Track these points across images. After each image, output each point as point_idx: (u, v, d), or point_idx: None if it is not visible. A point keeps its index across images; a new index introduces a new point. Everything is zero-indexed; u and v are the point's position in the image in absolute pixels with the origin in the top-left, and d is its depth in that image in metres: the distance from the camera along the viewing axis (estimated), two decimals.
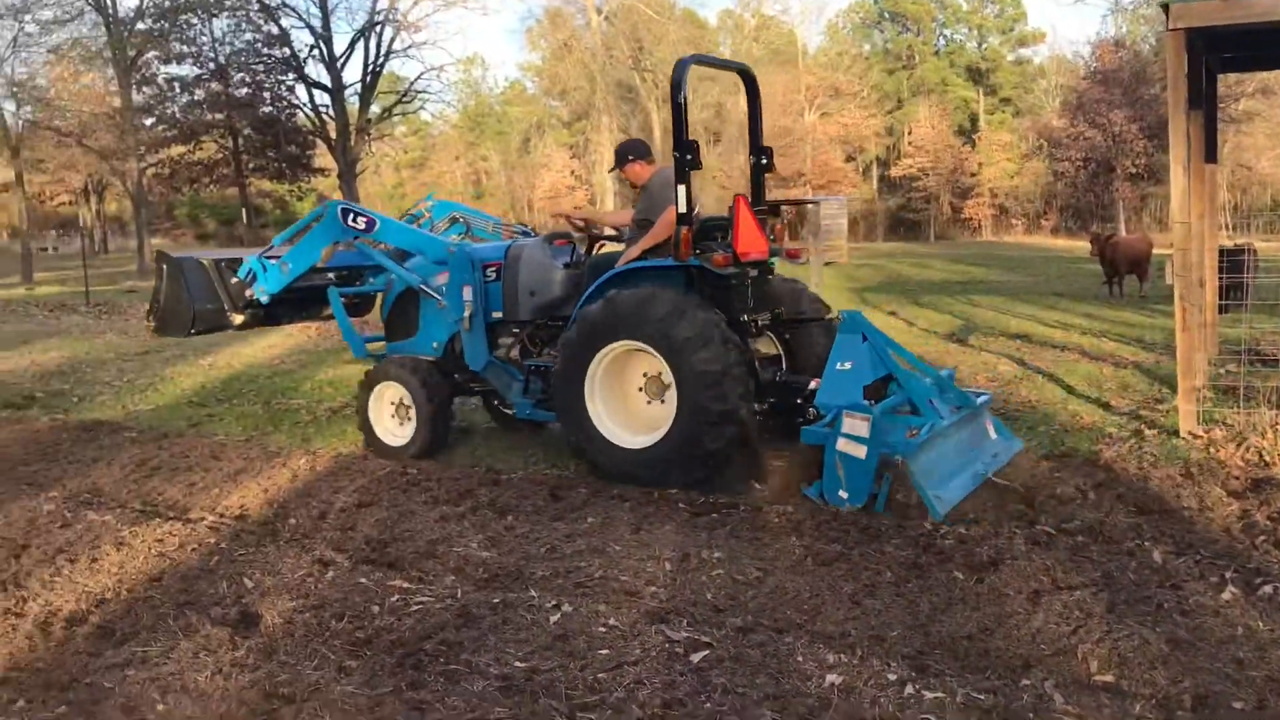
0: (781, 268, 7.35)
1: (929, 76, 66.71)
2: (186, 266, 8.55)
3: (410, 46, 38.91)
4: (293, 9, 39.43)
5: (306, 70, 39.10)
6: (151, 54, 37.69)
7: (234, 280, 8.36)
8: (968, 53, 68.68)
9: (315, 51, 39.11)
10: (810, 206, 24.64)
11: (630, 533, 5.46)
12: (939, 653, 3.91)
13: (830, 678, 3.69)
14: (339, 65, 38.75)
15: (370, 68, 39.17)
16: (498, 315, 7.57)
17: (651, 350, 6.41)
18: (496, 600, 4.51)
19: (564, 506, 5.98)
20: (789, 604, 4.44)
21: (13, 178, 39.92)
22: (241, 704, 3.67)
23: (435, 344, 7.84)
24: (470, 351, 7.59)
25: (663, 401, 6.60)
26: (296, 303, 8.61)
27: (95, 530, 5.70)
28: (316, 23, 38.28)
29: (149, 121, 39.16)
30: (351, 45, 39.15)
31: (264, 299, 8.14)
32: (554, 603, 4.47)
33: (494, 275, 7.59)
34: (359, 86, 39.48)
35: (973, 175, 58.88)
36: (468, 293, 7.56)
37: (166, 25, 37.09)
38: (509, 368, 7.58)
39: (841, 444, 5.80)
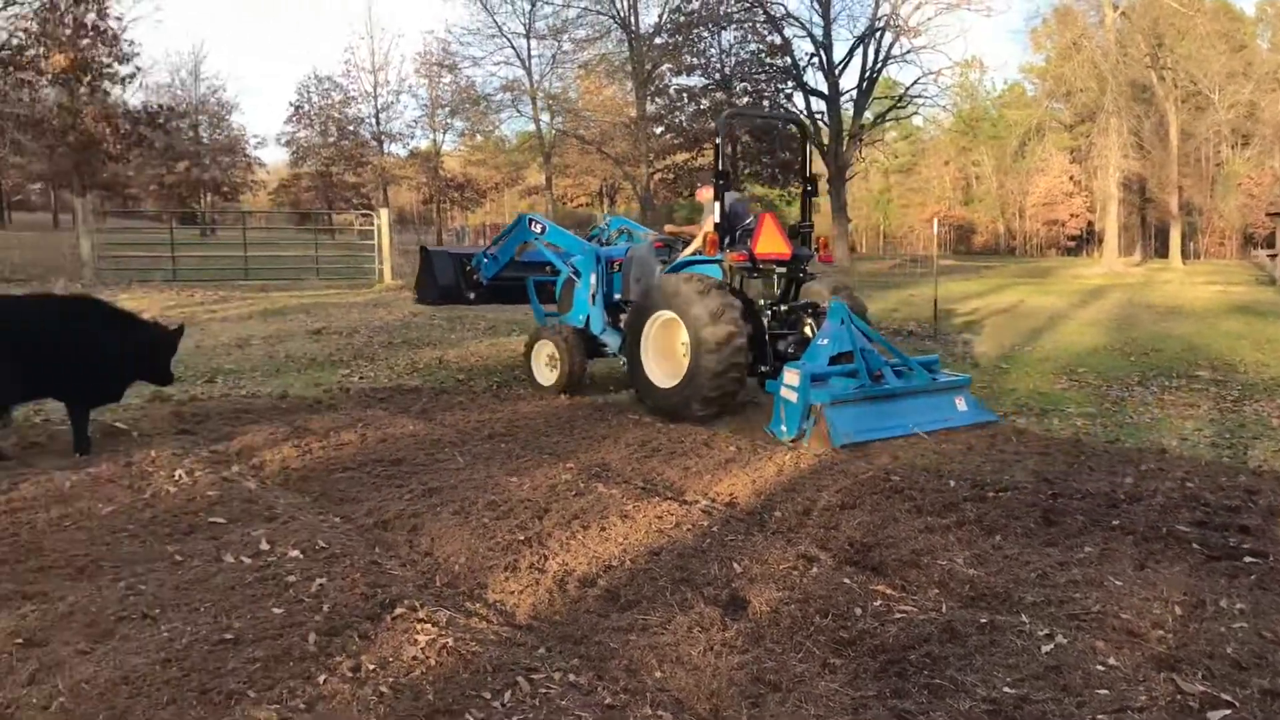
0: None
1: None
2: (435, 255, 12.40)
3: (909, 51, 38.65)
4: (796, 19, 40.71)
5: (805, 78, 40.22)
6: (665, 67, 40.69)
7: (468, 268, 12.01)
8: None
9: (815, 59, 40.12)
10: None
11: (1133, 569, 5.02)
12: None
13: None
14: (836, 72, 39.46)
15: (867, 74, 39.52)
16: (619, 297, 10.60)
17: (678, 319, 9.03)
18: (984, 620, 4.33)
19: (1058, 532, 5.63)
20: None
21: (543, 181, 44.94)
22: (731, 684, 3.83)
23: (581, 317, 10.83)
24: (594, 320, 10.69)
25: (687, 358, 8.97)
26: (508, 289, 12.03)
27: (604, 502, 6.21)
28: (818, 31, 39.29)
29: (659, 130, 42.36)
30: (850, 52, 39.77)
31: (484, 281, 11.86)
32: (1046, 631, 4.21)
33: (617, 268, 10.65)
34: (854, 93, 39.97)
35: None
36: (593, 280, 10.67)
37: (680, 39, 39.84)
38: (618, 330, 10.43)
39: (783, 391, 8.33)
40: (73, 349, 7.31)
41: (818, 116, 40.58)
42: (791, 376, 8.25)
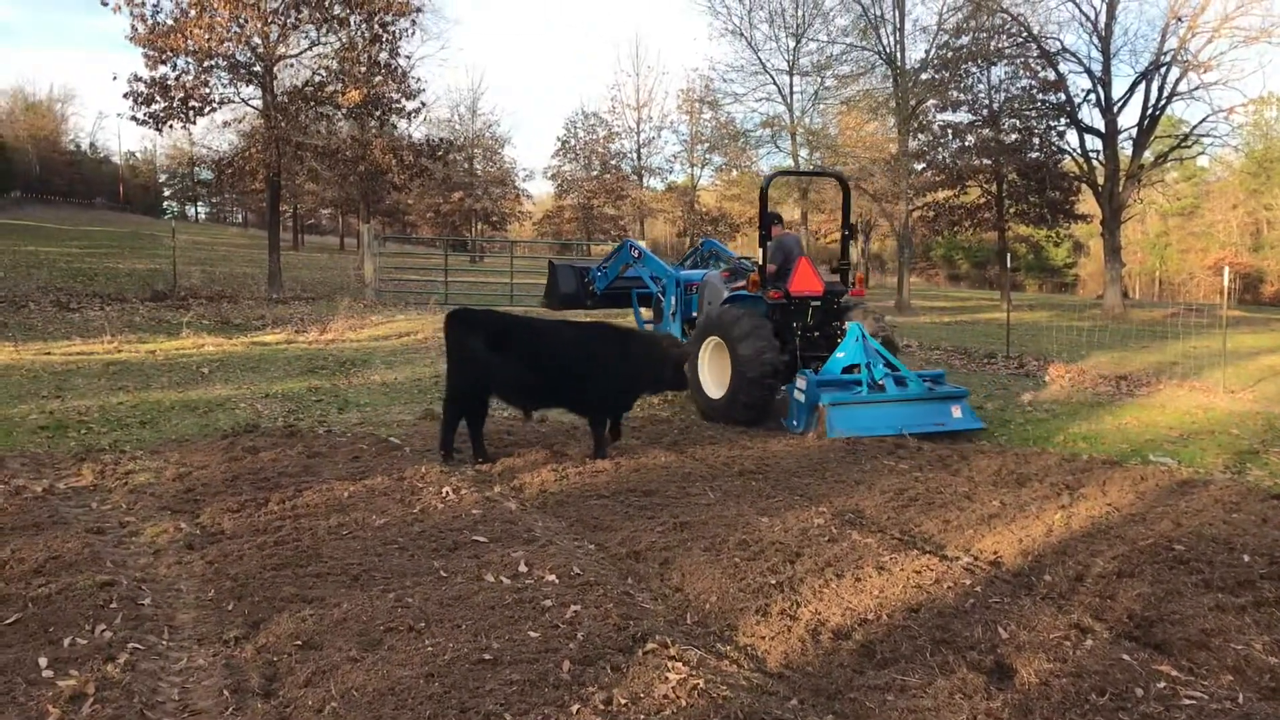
0: None
1: None
2: (560, 268, 14.62)
3: (1197, 88, 35.93)
4: (1073, 54, 38.74)
5: (1080, 115, 38.31)
6: (930, 102, 39.74)
7: (586, 279, 14.31)
8: None
9: (1091, 96, 38.15)
10: None
11: None
12: None
13: None
14: (1115, 109, 37.36)
15: (1149, 111, 37.15)
16: (695, 314, 12.61)
17: (723, 342, 11.06)
18: None
19: None
20: None
21: (798, 216, 44.81)
22: None
23: (666, 329, 12.67)
24: (673, 334, 12.11)
25: None
26: (617, 297, 14.35)
27: (859, 550, 6.03)
28: (1096, 67, 37.29)
29: (919, 166, 41.34)
30: (1131, 89, 37.43)
31: (598, 291, 14.19)
32: None
33: (694, 291, 12.82)
34: (1133, 131, 37.70)
35: None
36: (673, 300, 12.97)
37: (948, 75, 38.82)
38: None
39: (796, 394, 10.43)
40: (586, 367, 8.75)
41: (1092, 155, 38.55)
42: (801, 381, 10.44)
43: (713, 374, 11.43)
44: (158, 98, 25.11)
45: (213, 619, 4.88)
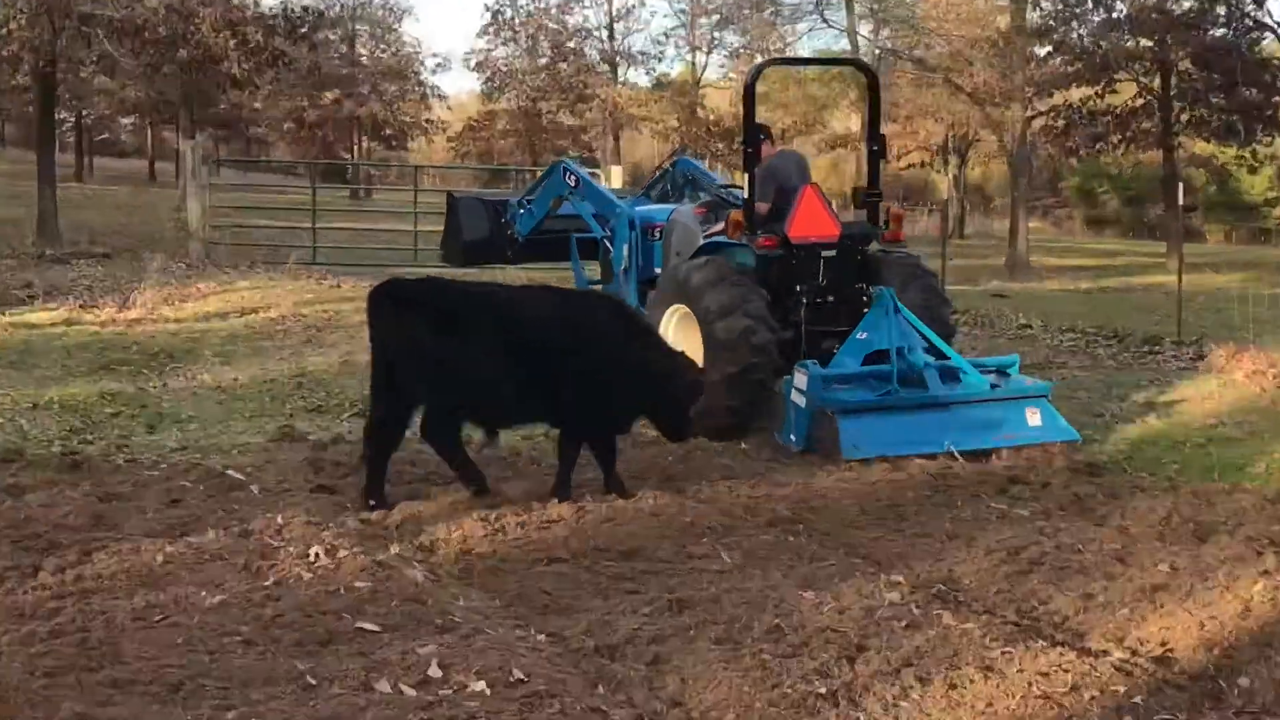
0: None
1: None
2: (464, 203, 15.08)
3: None
4: None
5: None
6: None
7: (503, 219, 14.46)
8: None
9: None
10: None
11: None
12: None
13: None
14: None
15: None
16: (659, 271, 12.65)
17: (690, 312, 11.26)
18: None
19: None
20: None
21: (855, 127, 44.80)
22: None
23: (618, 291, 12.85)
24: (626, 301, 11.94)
25: None
26: (551, 246, 14.73)
27: (952, 641, 6.00)
28: None
29: (1043, 51, 41.41)
30: None
31: (519, 237, 14.37)
32: None
33: (657, 236, 12.87)
34: None
35: None
36: (624, 250, 12.95)
37: None
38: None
39: (793, 395, 10.47)
40: (579, 357, 8.97)
41: None
42: (800, 378, 10.42)
43: None
44: None
45: None
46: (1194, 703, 5.44)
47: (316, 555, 7.09)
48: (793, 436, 10.47)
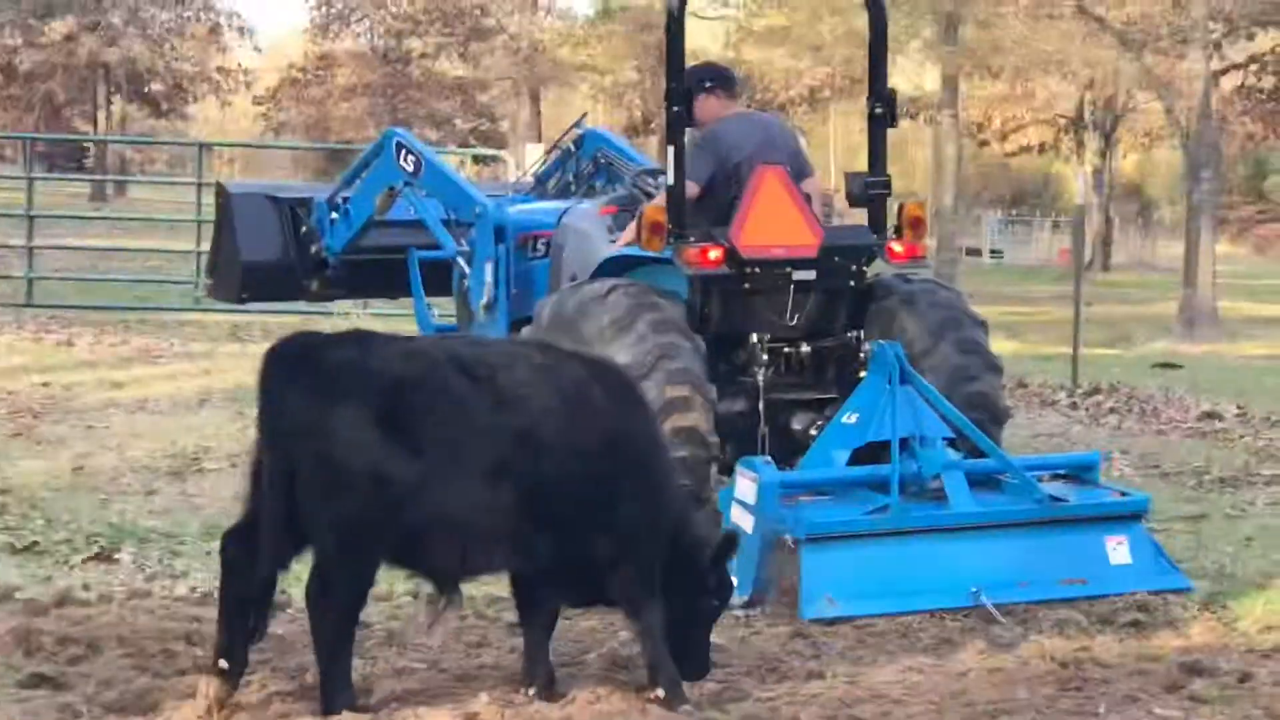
0: None
1: None
2: (240, 200, 11.67)
3: None
4: None
5: None
6: None
7: (303, 227, 11.30)
8: None
9: None
10: None
11: None
12: None
13: None
14: None
15: None
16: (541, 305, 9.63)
17: None
18: None
19: None
20: None
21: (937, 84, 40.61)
22: None
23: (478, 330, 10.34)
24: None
25: None
26: (375, 268, 11.34)
27: None
28: None
29: None
30: None
31: (330, 258, 11.17)
32: None
33: (542, 250, 10.16)
34: None
35: None
36: (487, 271, 10.12)
37: None
38: None
39: (734, 511, 7.97)
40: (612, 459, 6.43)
41: None
42: (746, 485, 7.98)
43: None
44: None
45: None
46: None
47: None
48: (733, 578, 7.13)
